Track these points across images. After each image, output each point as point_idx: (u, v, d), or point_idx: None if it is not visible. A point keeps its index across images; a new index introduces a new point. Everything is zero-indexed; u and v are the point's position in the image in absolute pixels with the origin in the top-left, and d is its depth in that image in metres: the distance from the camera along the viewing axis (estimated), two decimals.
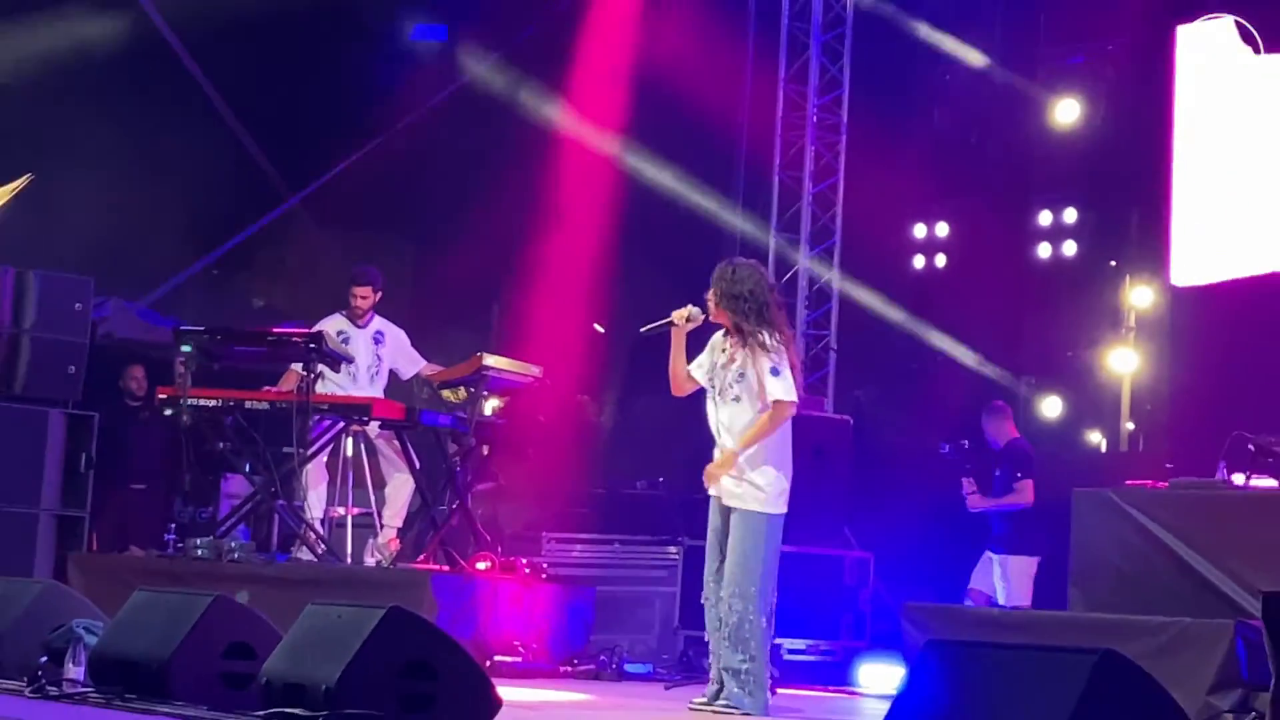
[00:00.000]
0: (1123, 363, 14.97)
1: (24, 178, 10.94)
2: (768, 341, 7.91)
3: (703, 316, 8.05)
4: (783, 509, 7.96)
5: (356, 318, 11.06)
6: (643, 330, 8.24)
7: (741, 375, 7.93)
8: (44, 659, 6.40)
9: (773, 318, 8.03)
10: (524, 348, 13.41)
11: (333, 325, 10.95)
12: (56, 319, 11.14)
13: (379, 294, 11.15)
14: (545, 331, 15.32)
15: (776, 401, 7.85)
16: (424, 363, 11.25)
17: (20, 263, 11.28)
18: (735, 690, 7.76)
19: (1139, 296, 14.77)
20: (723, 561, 7.89)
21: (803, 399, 8.28)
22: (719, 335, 8.15)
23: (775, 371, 7.85)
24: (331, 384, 10.64)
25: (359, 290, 11.07)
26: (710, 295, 8.03)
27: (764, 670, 7.85)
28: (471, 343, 15.55)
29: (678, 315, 8.07)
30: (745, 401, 7.93)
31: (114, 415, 12.25)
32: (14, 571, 9.92)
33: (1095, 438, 15.82)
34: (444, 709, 5.41)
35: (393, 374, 11.26)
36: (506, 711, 5.68)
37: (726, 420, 7.96)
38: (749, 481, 7.86)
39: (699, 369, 8.12)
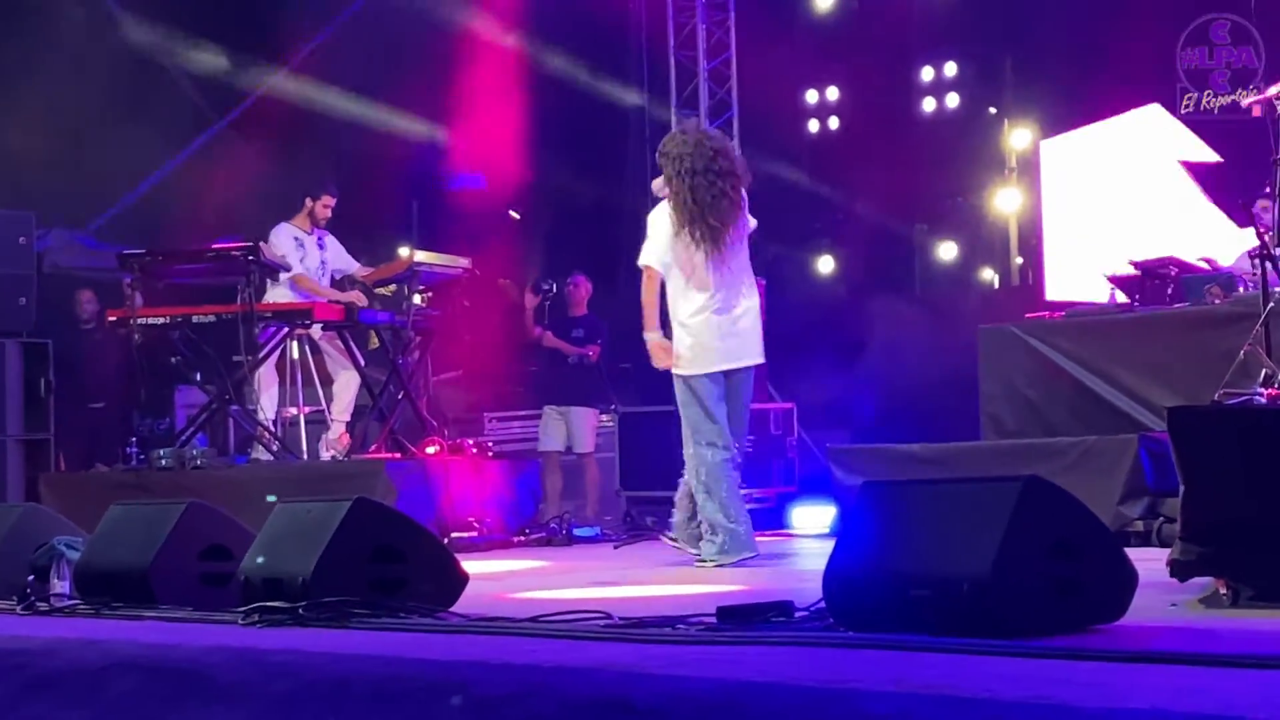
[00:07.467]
0: (1008, 203, 15.16)
1: None
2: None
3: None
4: None
5: (317, 223, 10.92)
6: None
7: (739, 224, 7.85)
8: (31, 577, 6.34)
9: None
10: (445, 241, 13.33)
11: (289, 233, 10.83)
12: (2, 254, 10.96)
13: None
14: (463, 223, 15.25)
15: None
16: (356, 264, 11.15)
17: None
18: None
19: (1018, 138, 14.95)
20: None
21: None
22: (661, 214, 7.90)
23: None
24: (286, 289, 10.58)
25: (329, 200, 10.93)
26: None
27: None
28: (395, 240, 15.49)
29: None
30: (745, 243, 7.93)
31: (67, 340, 12.11)
32: None
33: (988, 275, 15.99)
34: (415, 588, 5.38)
35: None
36: (471, 584, 5.67)
37: (736, 269, 7.84)
38: (756, 338, 7.92)
39: (666, 253, 7.84)
